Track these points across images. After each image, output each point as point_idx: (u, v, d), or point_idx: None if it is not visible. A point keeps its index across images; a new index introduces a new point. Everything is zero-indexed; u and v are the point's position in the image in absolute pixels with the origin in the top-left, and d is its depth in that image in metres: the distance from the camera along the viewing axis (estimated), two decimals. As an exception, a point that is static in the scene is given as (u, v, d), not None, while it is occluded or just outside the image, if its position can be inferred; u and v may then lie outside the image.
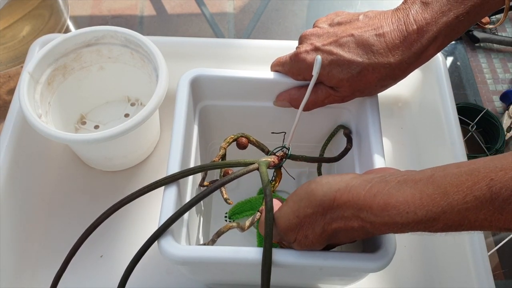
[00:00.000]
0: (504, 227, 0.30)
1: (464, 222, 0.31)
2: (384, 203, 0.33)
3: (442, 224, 0.31)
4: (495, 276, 0.56)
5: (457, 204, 0.30)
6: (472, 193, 0.30)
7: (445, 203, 0.31)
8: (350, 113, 0.52)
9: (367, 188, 0.34)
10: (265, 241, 0.38)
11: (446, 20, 0.42)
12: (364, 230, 0.36)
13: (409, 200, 0.32)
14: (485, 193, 0.29)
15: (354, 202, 0.34)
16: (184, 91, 0.48)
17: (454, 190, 0.31)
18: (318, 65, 0.43)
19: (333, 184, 0.36)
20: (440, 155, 0.57)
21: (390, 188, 0.33)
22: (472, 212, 0.30)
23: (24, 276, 0.54)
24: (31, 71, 0.53)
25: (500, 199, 0.29)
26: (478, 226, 0.31)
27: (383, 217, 0.33)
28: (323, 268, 0.39)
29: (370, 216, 0.34)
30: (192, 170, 0.44)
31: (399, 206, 0.32)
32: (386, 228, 0.34)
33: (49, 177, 0.61)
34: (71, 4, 0.82)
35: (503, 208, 0.29)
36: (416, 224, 0.32)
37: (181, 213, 0.41)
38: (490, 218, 0.30)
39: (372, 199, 0.34)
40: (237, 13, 0.83)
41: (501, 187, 0.29)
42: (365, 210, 0.34)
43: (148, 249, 0.41)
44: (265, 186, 0.41)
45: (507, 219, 0.29)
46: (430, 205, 0.31)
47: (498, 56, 0.80)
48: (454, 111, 0.58)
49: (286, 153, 0.47)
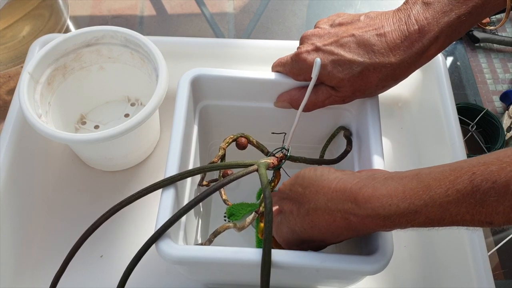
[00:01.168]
0: (486, 220, 0.30)
1: (445, 216, 0.31)
2: (369, 195, 0.34)
3: (424, 217, 0.32)
4: (495, 276, 0.56)
5: (439, 197, 0.31)
6: (454, 186, 0.31)
7: (427, 196, 0.32)
8: (350, 114, 0.52)
9: (354, 182, 0.36)
10: (265, 243, 0.38)
11: (448, 20, 0.42)
12: (348, 224, 0.36)
13: (392, 194, 0.33)
14: (467, 186, 0.30)
15: (341, 192, 0.36)
16: (185, 91, 0.48)
17: (437, 184, 0.31)
18: (318, 67, 0.43)
19: (325, 173, 0.39)
20: (440, 155, 0.57)
21: (376, 183, 0.35)
22: (453, 205, 0.31)
23: (24, 276, 0.54)
24: (31, 71, 0.53)
25: (481, 191, 0.29)
26: (460, 220, 0.31)
27: (366, 209, 0.34)
28: (320, 270, 0.39)
29: (354, 208, 0.35)
30: (191, 172, 0.44)
31: (382, 198, 0.33)
32: (369, 220, 0.34)
33: (49, 177, 0.61)
34: (71, 4, 0.82)
35: (484, 200, 0.29)
36: (398, 216, 0.33)
37: (178, 216, 0.41)
38: (471, 211, 0.30)
39: (357, 191, 0.35)
40: (237, 13, 0.83)
41: (482, 180, 0.29)
42: (350, 201, 0.35)
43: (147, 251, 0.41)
44: (264, 188, 0.41)
45: (488, 212, 0.30)
46: (413, 198, 0.32)
47: (498, 56, 0.80)
48: (454, 111, 0.58)
49: (286, 155, 0.47)
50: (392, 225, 0.34)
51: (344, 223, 0.36)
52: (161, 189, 0.43)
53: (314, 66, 0.43)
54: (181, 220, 0.45)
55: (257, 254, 0.39)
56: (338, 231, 0.37)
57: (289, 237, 0.41)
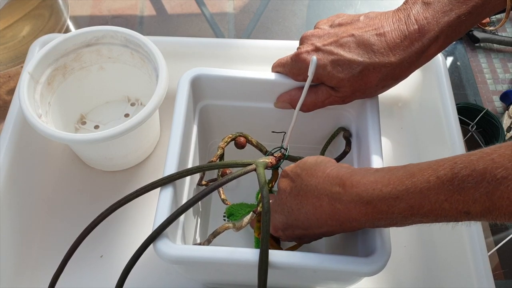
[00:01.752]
0: (464, 210, 0.31)
1: (425, 203, 0.32)
2: (356, 181, 0.36)
3: (404, 203, 0.33)
4: (495, 276, 0.56)
5: (420, 183, 0.32)
6: (435, 174, 0.32)
7: (410, 182, 0.33)
8: (350, 115, 0.52)
9: (348, 171, 0.38)
10: (262, 242, 0.38)
11: (448, 20, 0.42)
12: (332, 211, 0.37)
13: (378, 180, 0.35)
14: (447, 173, 0.31)
15: (332, 177, 0.38)
16: (185, 90, 0.48)
17: (421, 172, 0.33)
18: (313, 66, 0.43)
19: (325, 161, 0.41)
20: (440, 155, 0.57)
21: (366, 173, 0.36)
22: (433, 192, 0.31)
23: (24, 276, 0.54)
24: (31, 71, 0.53)
25: (459, 177, 0.30)
26: (439, 209, 0.32)
27: (352, 193, 0.36)
28: (317, 271, 0.39)
29: (341, 192, 0.36)
30: (189, 171, 0.44)
31: (368, 184, 0.35)
32: (353, 206, 0.36)
33: (49, 177, 0.61)
34: (71, 4, 0.82)
35: (462, 188, 0.30)
36: (379, 201, 0.34)
37: (176, 215, 0.40)
38: (450, 199, 0.31)
39: (347, 177, 0.37)
40: (237, 13, 0.83)
41: (461, 167, 0.30)
42: (338, 185, 0.37)
43: (146, 250, 0.41)
44: (262, 187, 0.41)
45: (465, 199, 0.30)
46: (396, 184, 0.34)
47: (498, 56, 0.80)
48: (454, 111, 0.58)
49: (284, 154, 0.47)
50: (373, 212, 0.35)
51: (329, 209, 0.37)
52: (160, 188, 0.43)
53: (310, 64, 0.44)
54: (180, 219, 0.45)
55: (255, 254, 0.39)
56: (322, 217, 0.38)
57: (277, 217, 0.43)
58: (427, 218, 0.33)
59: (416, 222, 0.34)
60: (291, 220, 0.41)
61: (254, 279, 0.38)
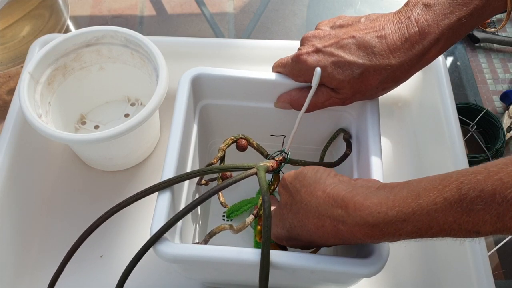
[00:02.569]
0: (473, 230, 0.30)
1: (433, 225, 0.31)
2: (359, 204, 0.34)
3: (412, 226, 0.32)
4: (495, 276, 0.56)
5: (427, 205, 0.31)
6: (442, 195, 0.31)
7: (416, 204, 0.32)
8: (350, 116, 0.52)
9: (348, 190, 0.36)
10: (263, 247, 0.38)
11: (448, 22, 0.42)
12: (336, 232, 0.36)
13: (382, 202, 0.33)
14: (454, 194, 0.30)
15: (332, 199, 0.36)
16: (185, 90, 0.48)
17: (426, 193, 0.31)
18: (318, 76, 0.43)
19: (324, 176, 0.39)
20: (440, 155, 0.57)
21: (368, 192, 0.35)
22: (441, 214, 0.30)
23: (24, 276, 0.54)
24: (31, 71, 0.53)
25: (468, 199, 0.29)
26: (447, 229, 0.31)
27: (356, 217, 0.34)
28: (314, 272, 0.39)
29: (344, 215, 0.35)
30: (189, 175, 0.44)
31: (372, 206, 0.34)
32: (358, 229, 0.34)
33: (49, 177, 0.61)
34: (71, 4, 0.82)
35: (471, 209, 0.29)
36: (386, 225, 0.33)
37: (175, 221, 0.40)
38: (458, 221, 0.30)
39: (349, 199, 0.35)
40: (237, 13, 0.83)
41: (469, 188, 0.29)
42: (340, 208, 0.35)
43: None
44: (264, 193, 0.41)
45: (475, 221, 0.29)
46: (402, 206, 0.32)
47: (498, 56, 0.80)
48: (454, 111, 0.58)
49: (285, 158, 0.46)
50: (380, 234, 0.34)
51: (332, 229, 0.36)
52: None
53: (314, 75, 0.44)
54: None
55: (253, 254, 0.39)
56: (325, 236, 0.37)
57: (279, 230, 0.42)
58: (435, 237, 0.32)
59: (422, 239, 0.33)
60: (293, 235, 0.41)
61: (253, 278, 0.38)
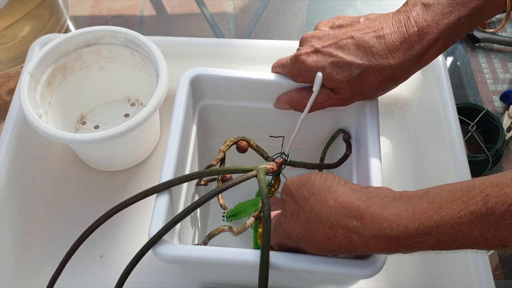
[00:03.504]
0: (500, 243, 0.29)
1: (457, 238, 0.30)
2: (376, 215, 0.33)
3: (434, 239, 0.31)
4: (495, 276, 0.56)
5: (451, 219, 0.30)
6: (467, 207, 0.29)
7: (438, 217, 0.30)
8: (350, 117, 0.52)
9: (363, 199, 0.34)
10: (263, 250, 0.38)
11: (448, 22, 0.42)
12: (349, 243, 0.35)
13: (401, 213, 0.32)
14: (481, 208, 0.29)
15: (346, 208, 0.35)
16: (184, 90, 0.48)
17: (449, 205, 0.30)
18: (319, 81, 0.43)
19: (335, 185, 0.37)
20: (440, 155, 0.57)
21: (385, 203, 0.33)
22: (466, 228, 0.29)
23: (24, 276, 0.54)
24: (31, 71, 0.53)
25: (496, 214, 0.28)
26: (472, 243, 0.30)
27: (373, 229, 0.33)
28: (312, 273, 0.39)
29: (359, 227, 0.33)
30: (189, 177, 0.43)
31: (390, 218, 0.32)
32: (374, 241, 0.33)
33: (49, 177, 0.61)
34: (71, 4, 0.82)
35: (499, 224, 0.28)
36: (406, 238, 0.32)
37: (174, 223, 0.40)
38: (485, 235, 0.29)
39: (365, 209, 0.33)
40: (237, 13, 0.83)
41: (497, 202, 0.28)
42: (355, 219, 0.34)
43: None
44: (264, 196, 0.40)
45: (503, 235, 0.28)
46: (423, 219, 0.31)
47: (498, 56, 0.80)
48: (454, 111, 0.58)
49: (285, 160, 0.46)
50: (398, 247, 0.32)
51: (345, 241, 0.35)
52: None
53: (316, 80, 0.44)
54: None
55: (252, 255, 0.39)
56: (335, 247, 0.36)
57: (283, 241, 0.40)
58: (457, 250, 0.31)
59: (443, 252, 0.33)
60: (300, 245, 0.39)
61: (252, 279, 0.38)
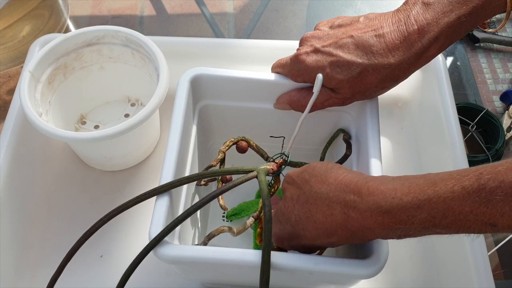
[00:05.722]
0: (489, 222, 0.30)
1: (448, 213, 0.31)
2: (374, 188, 0.34)
3: (426, 213, 0.31)
4: (495, 276, 0.56)
5: (444, 193, 0.31)
6: (460, 183, 0.30)
7: (432, 191, 0.31)
8: (350, 117, 0.52)
9: (362, 178, 0.36)
10: (263, 251, 0.38)
11: (448, 20, 0.42)
12: (345, 220, 0.35)
13: (397, 188, 0.33)
14: (473, 184, 0.30)
15: (345, 185, 0.36)
16: (184, 90, 0.48)
17: (443, 182, 0.31)
18: (320, 82, 0.43)
19: (336, 167, 0.39)
20: (440, 155, 0.57)
21: (383, 179, 0.35)
22: (457, 202, 0.30)
23: (24, 276, 0.54)
24: (32, 70, 0.53)
25: (487, 189, 0.29)
26: (462, 220, 0.30)
27: (368, 201, 0.34)
28: (313, 273, 0.39)
29: (356, 200, 0.35)
30: (190, 178, 0.43)
31: (386, 191, 0.33)
32: (369, 214, 0.34)
33: (49, 177, 0.61)
34: (71, 4, 0.82)
35: (489, 200, 0.29)
36: (399, 211, 0.32)
37: (174, 225, 0.40)
38: (475, 211, 0.30)
39: (363, 184, 0.35)
40: (237, 13, 0.83)
41: (489, 179, 0.29)
42: (353, 193, 0.35)
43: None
44: (264, 197, 0.40)
45: (492, 212, 0.29)
46: (417, 193, 0.32)
47: (498, 56, 0.80)
48: (454, 111, 0.58)
49: (286, 160, 0.46)
50: (391, 222, 0.33)
51: (341, 218, 0.36)
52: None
53: (316, 81, 0.44)
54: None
55: (253, 256, 0.39)
56: (333, 227, 0.36)
57: (282, 227, 0.41)
58: (448, 230, 0.32)
59: (433, 233, 0.33)
60: (298, 230, 0.39)
61: (253, 279, 0.38)
